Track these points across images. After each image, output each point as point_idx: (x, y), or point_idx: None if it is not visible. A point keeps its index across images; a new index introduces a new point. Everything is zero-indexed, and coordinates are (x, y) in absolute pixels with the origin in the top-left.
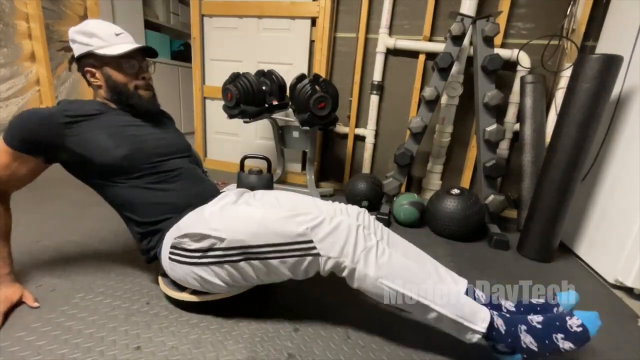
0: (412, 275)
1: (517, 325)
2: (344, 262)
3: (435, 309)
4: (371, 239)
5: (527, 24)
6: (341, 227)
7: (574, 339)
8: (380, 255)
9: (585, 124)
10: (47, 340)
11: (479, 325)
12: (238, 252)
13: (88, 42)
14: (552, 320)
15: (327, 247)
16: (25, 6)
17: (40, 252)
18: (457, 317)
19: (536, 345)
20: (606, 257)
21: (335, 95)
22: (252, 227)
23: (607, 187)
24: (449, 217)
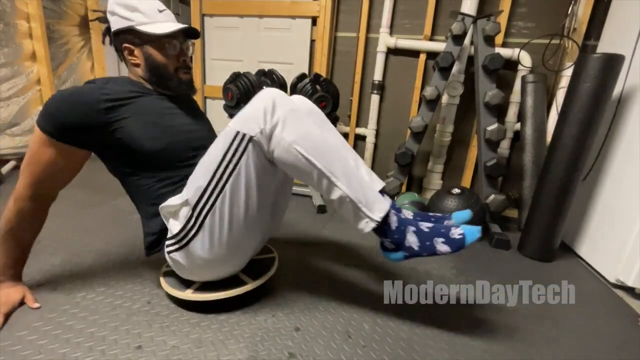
0: (327, 149)
1: (407, 226)
2: (264, 129)
3: (339, 187)
4: (293, 103)
5: (528, 23)
6: (258, 99)
7: (451, 243)
8: (299, 123)
9: (586, 123)
10: (48, 340)
11: (376, 215)
12: (204, 201)
13: (129, 16)
14: (439, 227)
15: (252, 124)
16: (26, 6)
17: (42, 252)
18: (357, 200)
19: (418, 245)
20: (607, 256)
21: (335, 95)
22: (199, 170)
23: (608, 187)
24: None
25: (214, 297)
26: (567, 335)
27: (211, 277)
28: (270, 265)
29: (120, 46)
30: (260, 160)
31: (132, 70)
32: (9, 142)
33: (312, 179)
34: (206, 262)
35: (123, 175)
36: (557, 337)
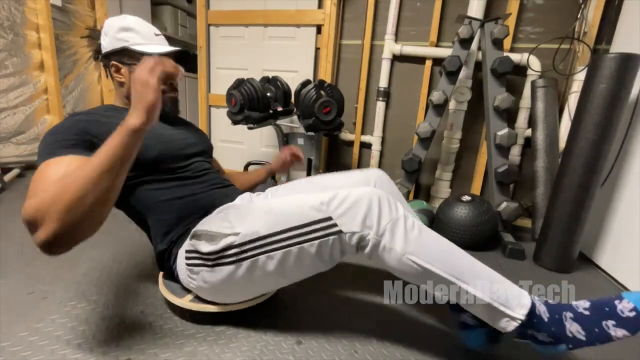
0: (444, 251)
1: (561, 313)
2: (367, 235)
3: (468, 291)
4: (398, 209)
5: (536, 28)
6: (362, 196)
7: (627, 325)
8: (409, 228)
9: (603, 126)
10: (32, 351)
11: (517, 312)
12: (255, 245)
13: (124, 36)
14: (600, 305)
15: (349, 221)
16: (36, 17)
17: (35, 259)
18: (491, 300)
19: (584, 335)
20: (630, 267)
21: (340, 100)
22: (266, 216)
23: (629, 192)
24: (460, 224)
25: (212, 309)
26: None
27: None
28: None
29: (109, 64)
30: (334, 251)
31: (116, 88)
32: (14, 150)
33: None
34: (222, 288)
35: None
36: (579, 356)
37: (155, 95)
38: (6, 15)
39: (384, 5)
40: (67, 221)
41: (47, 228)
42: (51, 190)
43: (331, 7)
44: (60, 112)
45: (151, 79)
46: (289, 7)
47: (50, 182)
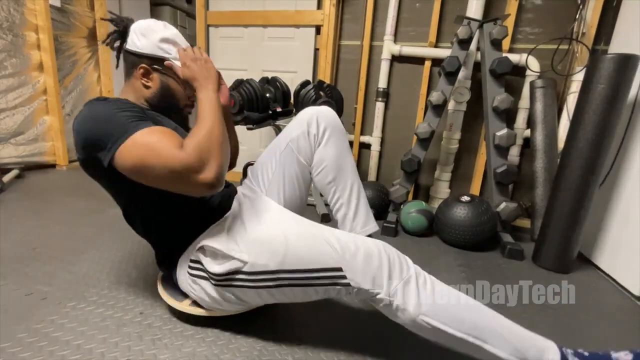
0: (459, 310)
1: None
2: (378, 294)
3: (487, 349)
4: (409, 267)
5: (534, 28)
6: (372, 252)
7: None
8: (422, 288)
9: (601, 126)
10: (31, 352)
11: None
12: (263, 277)
13: (167, 48)
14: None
15: (359, 277)
16: (35, 18)
17: (35, 259)
18: (514, 358)
19: None
20: (630, 267)
21: (339, 101)
22: (275, 251)
23: (628, 192)
24: (459, 225)
25: (212, 313)
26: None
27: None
28: None
29: (137, 64)
30: (341, 294)
31: (136, 88)
32: (13, 151)
33: (450, 344)
34: (222, 304)
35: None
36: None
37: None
38: (5, 16)
39: (383, 5)
40: (226, 153)
41: (214, 164)
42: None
43: (330, 8)
44: (59, 112)
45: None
46: (288, 7)
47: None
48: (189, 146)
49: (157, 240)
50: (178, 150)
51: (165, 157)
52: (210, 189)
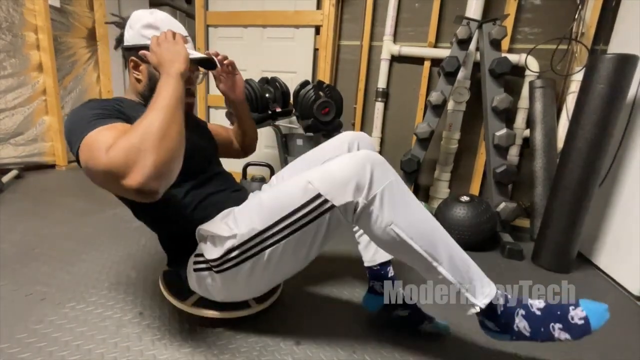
0: (427, 228)
1: (515, 309)
2: (358, 204)
3: (441, 272)
4: (389, 174)
5: (534, 28)
6: (351, 162)
7: (572, 330)
8: (399, 196)
9: (601, 126)
10: (31, 353)
11: (480, 300)
12: (255, 242)
13: (148, 34)
14: (553, 308)
15: (339, 194)
16: (35, 18)
17: (35, 260)
18: (460, 285)
19: (529, 331)
20: (629, 267)
21: (339, 101)
22: (260, 211)
23: (627, 192)
24: (459, 225)
25: (214, 315)
26: (589, 352)
27: (225, 300)
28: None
29: (128, 58)
30: (332, 225)
31: (132, 83)
32: (12, 151)
33: (407, 259)
34: (226, 289)
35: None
36: (579, 358)
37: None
38: (4, 16)
39: (382, 6)
40: (166, 149)
41: (146, 162)
42: (133, 134)
43: (330, 8)
44: (59, 113)
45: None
46: (287, 8)
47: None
48: (116, 146)
49: (166, 238)
50: (105, 150)
51: (95, 158)
52: (139, 195)
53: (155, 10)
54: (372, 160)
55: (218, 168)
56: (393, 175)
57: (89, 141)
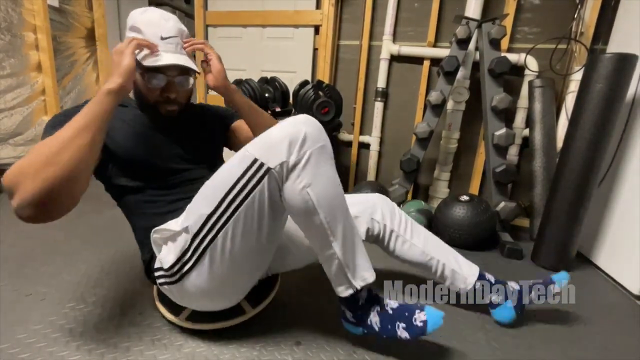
0: (337, 202)
1: (373, 304)
2: (288, 162)
3: (334, 248)
4: (324, 138)
5: (533, 28)
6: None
7: (411, 331)
8: (325, 162)
9: (600, 125)
10: (30, 353)
11: (357, 282)
12: (205, 232)
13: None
14: (404, 309)
15: (273, 154)
16: (34, 18)
17: (34, 260)
18: (345, 264)
19: (378, 327)
20: (629, 266)
21: (338, 101)
22: (204, 196)
23: (626, 192)
24: (458, 224)
25: (209, 327)
26: (589, 351)
27: (207, 309)
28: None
29: None
30: (275, 194)
31: None
32: (11, 151)
33: (308, 228)
34: (201, 295)
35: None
36: (579, 357)
37: (129, 61)
38: (3, 16)
39: (381, 5)
40: (45, 178)
41: (25, 187)
42: (31, 153)
43: (329, 8)
44: (58, 112)
45: (126, 49)
46: (286, 7)
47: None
48: (13, 165)
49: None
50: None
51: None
52: (21, 218)
53: (148, 9)
54: (309, 122)
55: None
56: (325, 141)
57: None
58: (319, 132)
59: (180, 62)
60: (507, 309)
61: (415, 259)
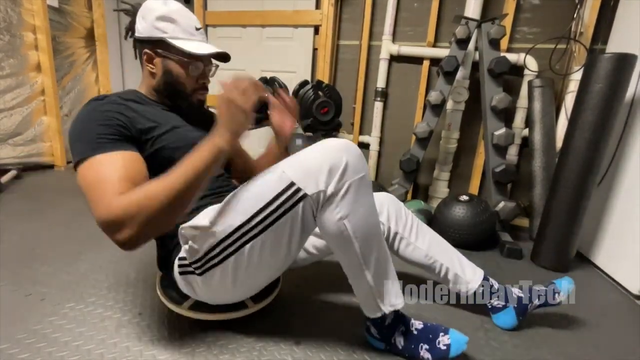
0: (372, 234)
1: (398, 325)
2: (325, 192)
3: (365, 275)
4: (364, 167)
5: (532, 28)
6: (326, 151)
7: (434, 353)
8: (364, 192)
9: (599, 125)
10: (30, 353)
11: (386, 307)
12: (233, 239)
13: (163, 27)
14: (429, 331)
15: (311, 181)
16: (33, 18)
17: (34, 260)
18: (377, 290)
19: (402, 346)
20: (628, 266)
21: (338, 101)
22: (236, 205)
23: (625, 191)
24: (458, 224)
25: (211, 317)
26: (588, 351)
27: (218, 302)
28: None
29: (141, 50)
30: (307, 218)
31: (145, 76)
32: (11, 151)
33: (340, 253)
34: (217, 288)
35: None
36: (579, 356)
37: (247, 121)
38: (2, 16)
39: (381, 5)
40: (149, 228)
41: (131, 231)
42: (137, 198)
43: (329, 8)
44: (57, 113)
45: (246, 105)
46: (286, 7)
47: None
48: (122, 200)
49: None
50: (109, 198)
51: (95, 201)
52: (121, 247)
53: (168, 1)
54: (350, 150)
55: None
56: (365, 170)
57: (91, 171)
58: (359, 160)
59: (220, 50)
60: (508, 315)
61: (419, 261)
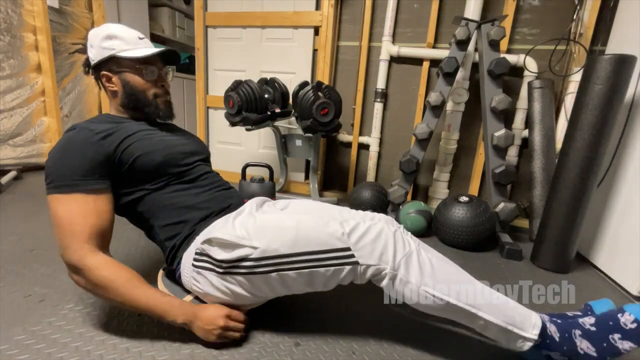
0: (455, 281)
1: (570, 331)
2: (384, 270)
3: (482, 316)
4: (410, 243)
5: (532, 29)
6: (379, 231)
7: (631, 337)
8: (422, 262)
9: (599, 126)
10: (29, 354)
11: (530, 332)
12: (272, 262)
13: (109, 45)
14: (605, 319)
15: (366, 254)
16: (33, 19)
17: (33, 261)
18: (505, 323)
19: (594, 350)
20: (628, 267)
21: (338, 102)
22: (287, 235)
23: (625, 193)
24: (457, 225)
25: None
26: None
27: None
28: None
29: (99, 75)
30: (347, 276)
31: (111, 99)
32: (11, 152)
33: (448, 315)
34: (233, 292)
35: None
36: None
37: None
38: (3, 17)
39: (381, 6)
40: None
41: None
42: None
43: (329, 9)
44: (57, 114)
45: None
46: (286, 8)
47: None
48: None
49: (162, 239)
50: (78, 244)
51: (63, 240)
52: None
53: (108, 25)
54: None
55: (205, 168)
56: (414, 244)
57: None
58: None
59: (165, 48)
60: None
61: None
